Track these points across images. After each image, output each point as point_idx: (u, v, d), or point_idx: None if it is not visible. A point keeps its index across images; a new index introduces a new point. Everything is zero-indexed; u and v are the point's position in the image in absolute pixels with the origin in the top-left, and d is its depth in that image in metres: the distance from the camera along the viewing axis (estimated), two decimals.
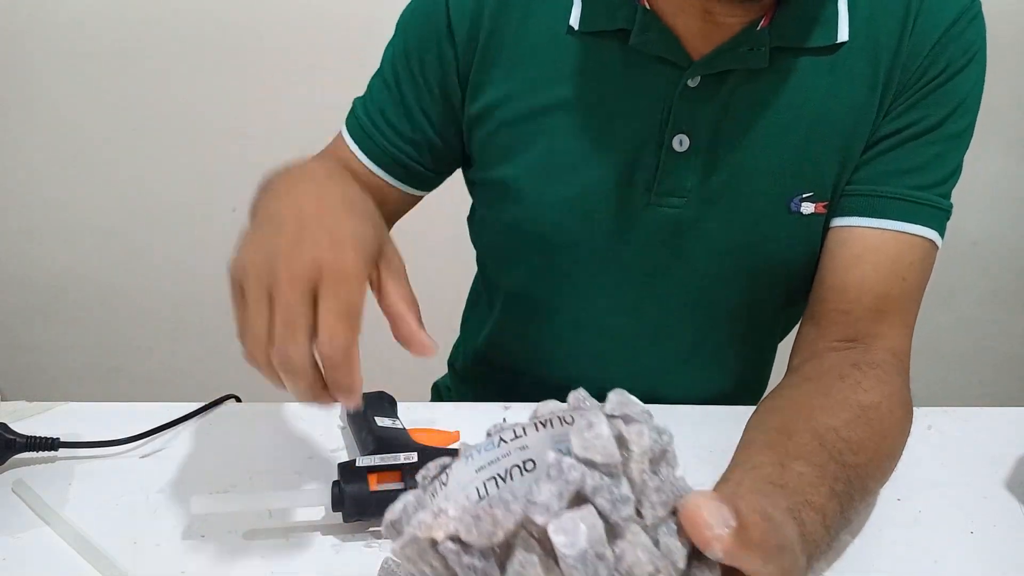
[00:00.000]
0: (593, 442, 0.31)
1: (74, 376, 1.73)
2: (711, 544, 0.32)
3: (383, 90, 0.74)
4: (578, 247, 0.73)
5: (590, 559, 0.29)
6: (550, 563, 0.30)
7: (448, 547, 0.31)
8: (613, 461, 0.31)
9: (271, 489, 0.62)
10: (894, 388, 0.61)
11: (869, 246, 0.66)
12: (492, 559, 0.31)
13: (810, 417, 0.55)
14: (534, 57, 0.68)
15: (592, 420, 0.31)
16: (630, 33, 0.65)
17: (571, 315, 0.78)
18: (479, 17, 0.68)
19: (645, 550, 0.31)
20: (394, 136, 0.74)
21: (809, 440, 0.53)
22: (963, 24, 0.65)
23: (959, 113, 0.66)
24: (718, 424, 0.70)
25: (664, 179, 0.68)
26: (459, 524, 0.30)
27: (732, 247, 0.70)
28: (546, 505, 0.30)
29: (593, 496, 0.31)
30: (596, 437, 0.31)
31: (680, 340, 0.77)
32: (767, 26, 0.63)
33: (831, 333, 0.67)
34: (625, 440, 0.32)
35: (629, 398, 0.34)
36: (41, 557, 0.56)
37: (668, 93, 0.66)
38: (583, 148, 0.69)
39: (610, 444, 0.31)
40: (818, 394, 0.59)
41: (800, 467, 0.50)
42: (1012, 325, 1.70)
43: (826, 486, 0.49)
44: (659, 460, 0.34)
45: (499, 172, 0.73)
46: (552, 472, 0.31)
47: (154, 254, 1.61)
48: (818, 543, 0.46)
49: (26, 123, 1.49)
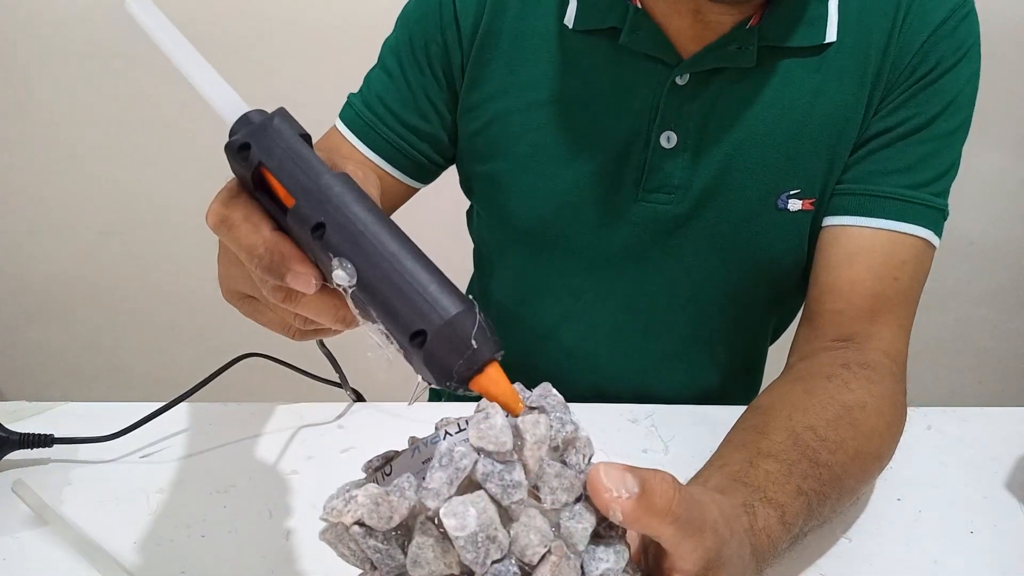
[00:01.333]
0: (487, 432, 0.32)
1: (74, 376, 1.73)
2: (611, 507, 0.33)
3: (384, 80, 0.74)
4: (566, 242, 0.73)
5: (481, 541, 0.31)
6: (446, 545, 0.32)
7: (355, 531, 0.32)
8: (504, 449, 0.32)
9: (270, 489, 0.62)
10: (884, 389, 0.61)
11: (862, 245, 0.66)
12: (393, 541, 0.33)
13: (789, 416, 0.56)
14: (528, 53, 0.69)
15: (489, 412, 0.33)
16: (621, 31, 0.66)
17: (561, 310, 0.78)
18: (482, 10, 0.69)
19: (538, 532, 0.32)
20: (396, 124, 0.74)
21: (784, 438, 0.53)
22: (954, 22, 0.65)
23: (951, 111, 0.66)
24: (712, 424, 0.70)
25: (651, 175, 0.69)
26: (363, 509, 0.32)
27: (720, 243, 0.71)
28: (436, 491, 0.32)
29: (484, 481, 0.32)
30: (490, 428, 0.32)
31: (670, 336, 0.77)
32: (756, 25, 0.64)
33: (825, 333, 0.67)
34: (519, 429, 0.33)
35: (550, 391, 0.36)
36: (41, 557, 0.56)
37: (657, 90, 0.67)
38: (572, 144, 0.69)
39: (502, 434, 0.32)
40: (803, 394, 0.59)
41: (768, 464, 0.50)
42: (1011, 325, 1.70)
43: (792, 484, 0.49)
44: (566, 449, 0.35)
45: (489, 166, 0.73)
46: (443, 460, 0.32)
47: (153, 254, 1.61)
48: (773, 539, 0.46)
49: (25, 123, 1.49)
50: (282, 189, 0.36)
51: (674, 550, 0.36)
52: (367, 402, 0.74)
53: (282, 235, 0.36)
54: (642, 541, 0.41)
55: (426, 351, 0.32)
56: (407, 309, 0.33)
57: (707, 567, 0.37)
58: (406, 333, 0.33)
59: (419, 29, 0.72)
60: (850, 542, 0.58)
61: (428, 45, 0.72)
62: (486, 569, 0.32)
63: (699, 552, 0.37)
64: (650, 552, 0.40)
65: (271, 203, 0.37)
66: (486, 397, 0.34)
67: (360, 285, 0.34)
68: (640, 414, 0.71)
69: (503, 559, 0.32)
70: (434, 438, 0.35)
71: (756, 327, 0.81)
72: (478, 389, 0.33)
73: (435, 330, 0.32)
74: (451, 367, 0.33)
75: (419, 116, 0.74)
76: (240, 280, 0.42)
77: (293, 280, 0.35)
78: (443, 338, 0.32)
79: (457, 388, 0.33)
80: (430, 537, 0.32)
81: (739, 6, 0.63)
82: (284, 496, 0.62)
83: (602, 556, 0.34)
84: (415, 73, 0.73)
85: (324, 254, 0.34)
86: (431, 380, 0.34)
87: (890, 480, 0.63)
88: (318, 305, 0.37)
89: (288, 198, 0.36)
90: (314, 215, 0.34)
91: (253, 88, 1.56)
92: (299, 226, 0.35)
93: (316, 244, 0.34)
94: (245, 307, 0.43)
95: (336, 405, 0.72)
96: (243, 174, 0.37)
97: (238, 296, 0.43)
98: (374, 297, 0.33)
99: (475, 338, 0.33)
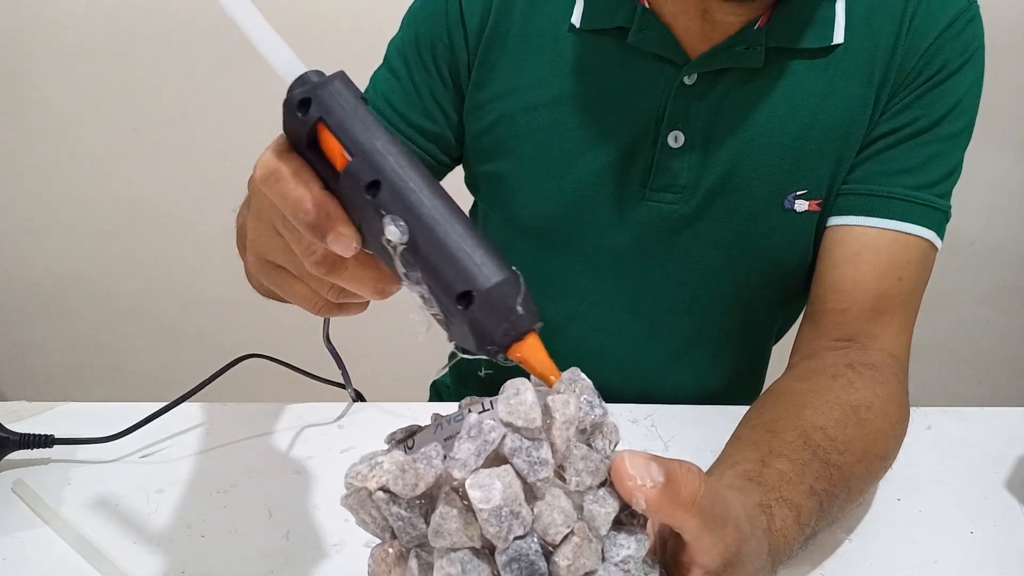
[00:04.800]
0: (517, 407, 0.32)
1: (74, 376, 1.73)
2: (634, 495, 0.33)
3: (390, 81, 0.74)
4: (572, 241, 0.73)
5: (504, 515, 0.31)
6: (469, 517, 0.32)
7: (379, 496, 0.32)
8: (533, 426, 0.32)
9: (270, 489, 0.62)
10: (889, 389, 0.61)
11: (866, 245, 0.66)
12: (417, 509, 0.33)
13: (798, 416, 0.56)
14: (535, 53, 0.69)
15: (519, 388, 0.32)
16: (629, 31, 0.66)
17: (566, 309, 0.78)
18: (488, 9, 0.69)
19: (562, 512, 0.32)
20: (404, 125, 0.74)
21: (795, 438, 0.53)
22: (960, 25, 0.65)
23: (956, 113, 0.66)
24: (716, 424, 0.70)
25: (658, 175, 0.69)
26: (388, 476, 0.32)
27: (726, 243, 0.71)
28: (463, 461, 0.32)
29: (511, 456, 0.32)
30: (520, 403, 0.32)
31: (675, 336, 0.77)
32: (764, 26, 0.64)
33: (828, 332, 0.67)
34: (549, 408, 0.33)
35: (579, 374, 0.35)
36: (41, 557, 0.56)
37: (664, 90, 0.67)
38: (579, 143, 0.69)
39: (532, 410, 0.32)
40: (810, 393, 0.59)
41: (781, 464, 0.50)
42: (1011, 325, 1.70)
43: (805, 484, 0.49)
44: (593, 433, 0.35)
45: (495, 166, 0.73)
46: (472, 432, 0.32)
47: (154, 254, 1.61)
48: (789, 540, 0.46)
49: (26, 123, 1.49)
50: (335, 150, 0.36)
51: (695, 543, 0.36)
52: (367, 402, 0.74)
53: (330, 195, 0.36)
54: (659, 533, 0.41)
55: (471, 313, 0.32)
56: (455, 271, 0.33)
57: (727, 563, 0.37)
58: (452, 295, 0.33)
59: (425, 29, 0.72)
60: (851, 542, 0.58)
61: (434, 45, 0.71)
62: (508, 544, 0.32)
63: (720, 547, 0.36)
64: (668, 545, 0.40)
65: (321, 163, 0.37)
66: (524, 365, 0.34)
67: (410, 244, 0.33)
68: (640, 414, 0.71)
69: (525, 536, 0.32)
70: (458, 416, 0.35)
71: (761, 327, 0.81)
72: (517, 357, 0.33)
73: (482, 292, 0.32)
74: (494, 331, 0.33)
75: (425, 116, 0.74)
76: (274, 248, 0.41)
77: (334, 240, 0.35)
78: (488, 301, 0.32)
79: (496, 354, 0.33)
80: (454, 508, 0.32)
81: (747, 5, 0.63)
82: (284, 496, 0.62)
83: (623, 543, 0.34)
84: (421, 73, 0.72)
85: (376, 214, 0.34)
86: (471, 344, 0.33)
87: (890, 480, 0.63)
88: (358, 275, 0.37)
89: (341, 159, 0.35)
90: (370, 173, 0.34)
91: (259, 88, 1.55)
92: (352, 184, 0.35)
93: (368, 203, 0.34)
94: (273, 277, 0.42)
95: (336, 405, 0.72)
96: (298, 131, 0.36)
97: (268, 267, 0.42)
98: (423, 257, 0.33)
99: (520, 305, 0.33)
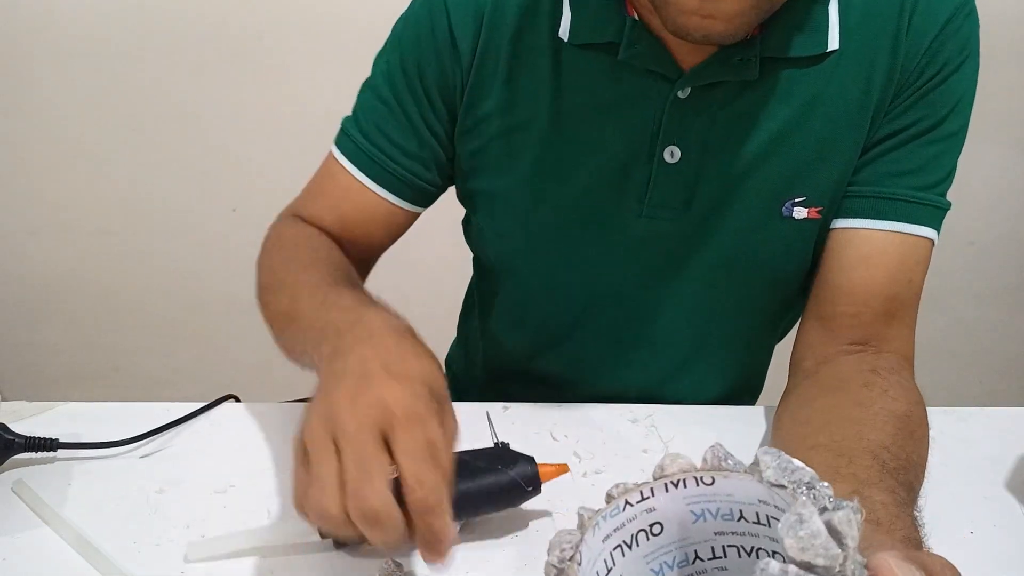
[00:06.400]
0: (811, 542, 0.28)
1: (74, 376, 1.73)
2: None
3: (380, 108, 0.72)
4: (571, 258, 0.73)
5: None
6: None
7: None
8: (835, 563, 0.28)
9: (270, 489, 0.62)
10: (916, 395, 0.61)
11: (876, 248, 0.66)
12: None
13: (859, 436, 0.55)
14: (526, 69, 0.67)
15: (802, 514, 0.28)
16: (619, 46, 0.64)
17: (566, 322, 0.77)
18: (479, 29, 0.67)
19: None
20: (400, 155, 0.72)
21: (870, 463, 0.52)
22: (959, 20, 0.64)
23: (956, 111, 0.66)
24: (716, 424, 0.70)
25: (655, 191, 0.68)
26: None
27: (726, 255, 0.70)
28: None
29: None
30: (813, 536, 0.28)
31: (676, 348, 0.77)
32: (757, 36, 0.63)
33: (841, 336, 0.67)
34: (838, 533, 0.28)
35: (789, 461, 0.31)
36: (41, 557, 0.56)
37: (658, 105, 0.65)
38: (574, 160, 0.68)
39: (829, 543, 0.28)
40: (853, 405, 0.59)
41: (878, 496, 0.49)
42: (1011, 325, 1.70)
43: (907, 512, 0.49)
44: (822, 510, 0.31)
45: (490, 183, 0.72)
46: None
47: (154, 254, 1.61)
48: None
49: (26, 123, 1.49)
50: None
51: None
52: None
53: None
54: None
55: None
56: None
57: None
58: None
59: (411, 52, 0.70)
60: None
61: (422, 67, 0.69)
62: None
63: None
64: None
65: None
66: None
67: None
68: (640, 414, 0.71)
69: None
70: (612, 510, 0.32)
71: (763, 334, 0.81)
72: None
73: None
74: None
75: (421, 143, 0.72)
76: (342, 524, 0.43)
77: (431, 534, 0.43)
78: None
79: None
80: None
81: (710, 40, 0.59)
82: (284, 496, 0.62)
83: None
84: (409, 100, 0.71)
85: None
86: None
87: None
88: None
89: None
90: None
91: (259, 88, 1.55)
92: None
93: None
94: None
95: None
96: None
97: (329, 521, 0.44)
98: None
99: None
